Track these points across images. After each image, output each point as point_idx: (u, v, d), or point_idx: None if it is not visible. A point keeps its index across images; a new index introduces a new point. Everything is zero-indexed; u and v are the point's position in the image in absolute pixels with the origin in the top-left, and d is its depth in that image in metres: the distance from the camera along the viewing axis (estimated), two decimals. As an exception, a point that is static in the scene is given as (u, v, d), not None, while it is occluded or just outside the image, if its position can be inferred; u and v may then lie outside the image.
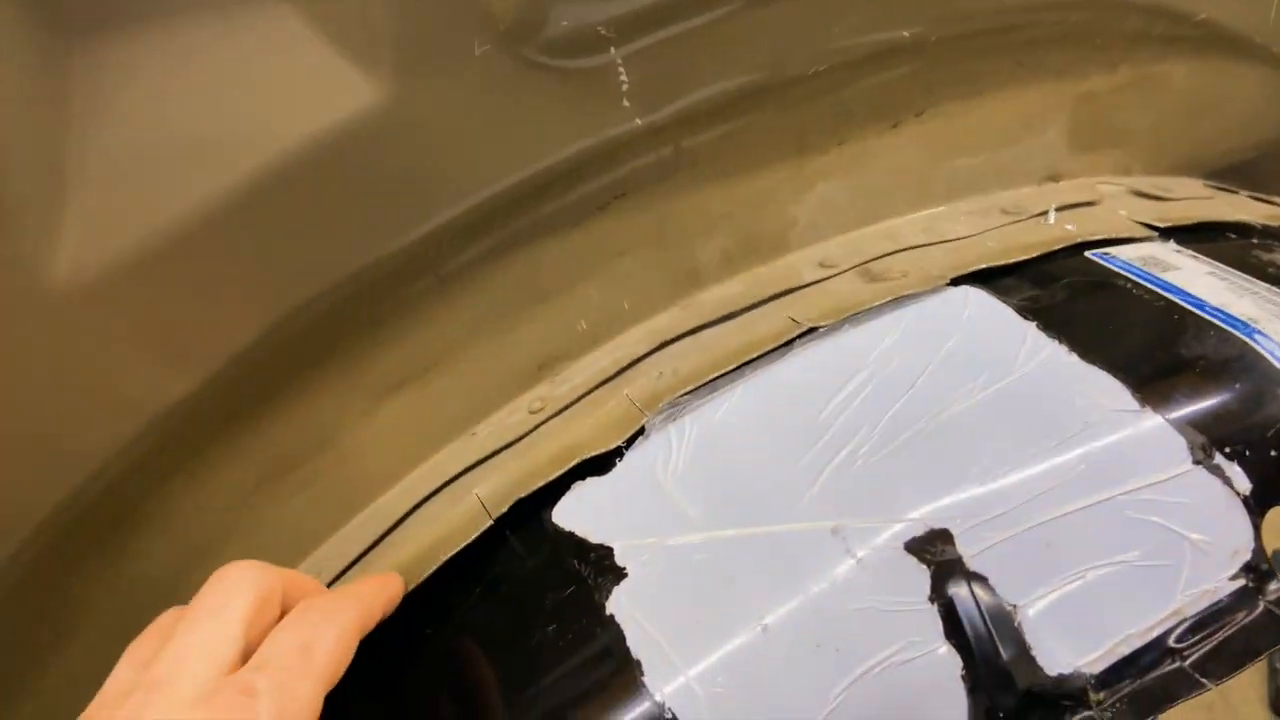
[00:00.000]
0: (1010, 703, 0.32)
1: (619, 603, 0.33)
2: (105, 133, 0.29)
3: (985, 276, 0.43)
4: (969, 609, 0.32)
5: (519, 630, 0.34)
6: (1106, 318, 0.40)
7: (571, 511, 0.37)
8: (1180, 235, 0.47)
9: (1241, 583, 0.33)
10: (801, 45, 0.40)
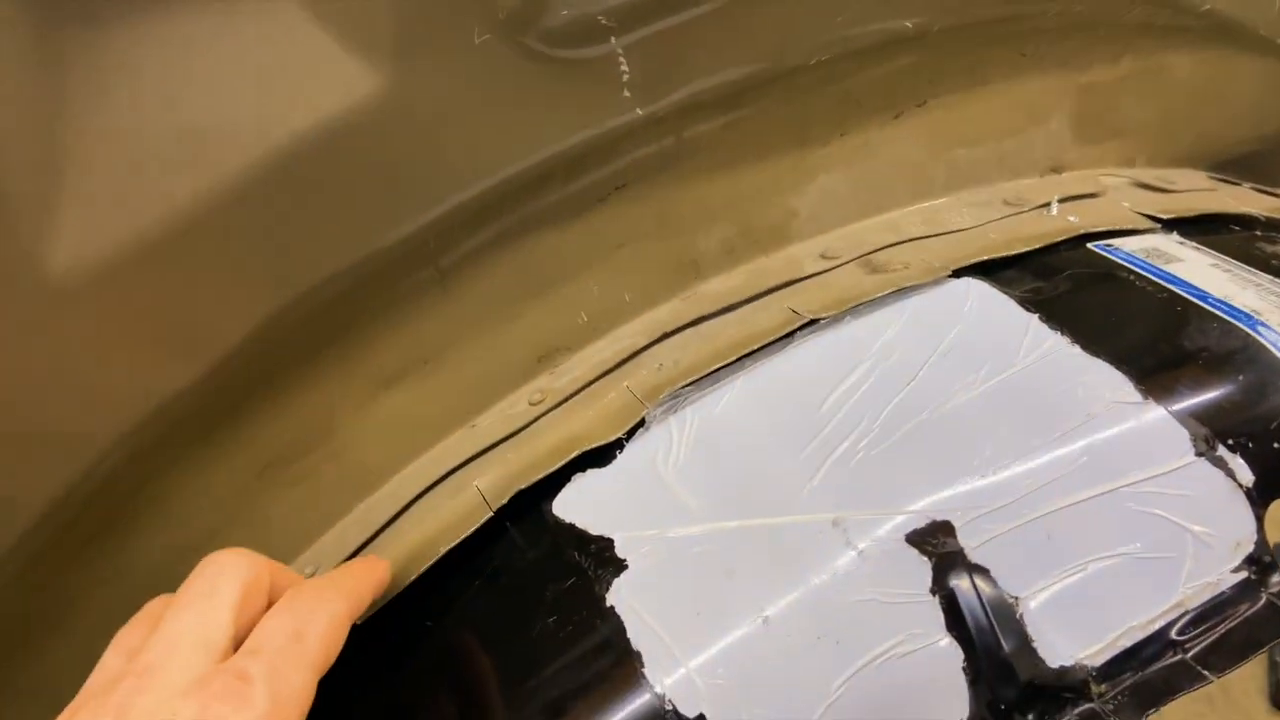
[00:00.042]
0: (1012, 695, 0.32)
1: (619, 594, 0.33)
2: (104, 123, 0.29)
3: (987, 268, 0.43)
4: (970, 601, 0.32)
5: (519, 622, 0.34)
6: (1109, 309, 0.40)
7: (572, 503, 0.37)
8: (1183, 227, 0.47)
9: (1244, 575, 0.33)
10: (803, 35, 0.40)
